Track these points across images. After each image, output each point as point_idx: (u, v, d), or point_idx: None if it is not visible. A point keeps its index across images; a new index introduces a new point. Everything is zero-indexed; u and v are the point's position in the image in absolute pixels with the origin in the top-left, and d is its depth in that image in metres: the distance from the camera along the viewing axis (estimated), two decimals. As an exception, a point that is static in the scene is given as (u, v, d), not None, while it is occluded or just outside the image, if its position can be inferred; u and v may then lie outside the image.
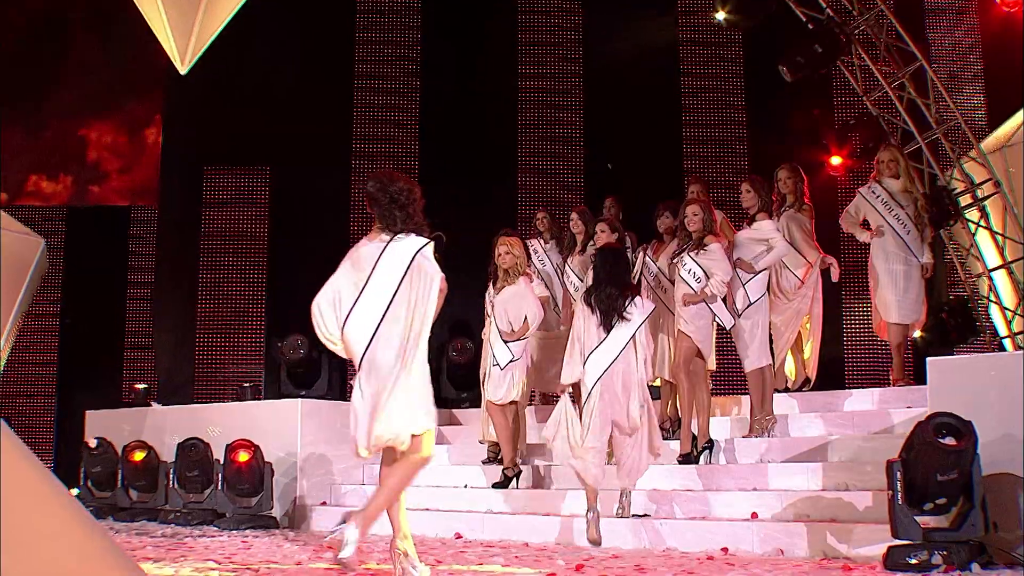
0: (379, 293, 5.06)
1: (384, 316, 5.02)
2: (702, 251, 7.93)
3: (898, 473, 5.42)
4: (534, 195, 13.33)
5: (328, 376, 12.09)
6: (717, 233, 8.15)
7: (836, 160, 12.69)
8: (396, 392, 5.00)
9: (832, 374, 11.33)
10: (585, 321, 6.99)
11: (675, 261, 8.17)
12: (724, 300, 8.15)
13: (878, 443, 7.32)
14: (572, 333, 7.11)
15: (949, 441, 5.33)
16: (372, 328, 5.01)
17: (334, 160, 13.36)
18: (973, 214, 11.96)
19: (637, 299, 7.07)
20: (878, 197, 8.80)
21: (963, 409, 5.57)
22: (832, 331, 12.20)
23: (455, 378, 11.68)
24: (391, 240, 5.17)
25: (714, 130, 13.48)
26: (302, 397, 11.17)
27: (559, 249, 9.80)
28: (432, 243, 5.23)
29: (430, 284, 5.16)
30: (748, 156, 13.25)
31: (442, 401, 11.73)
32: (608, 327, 6.89)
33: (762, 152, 12.82)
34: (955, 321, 11.95)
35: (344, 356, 5.25)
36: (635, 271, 8.65)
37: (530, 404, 9.57)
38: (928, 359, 6.10)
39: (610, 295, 6.94)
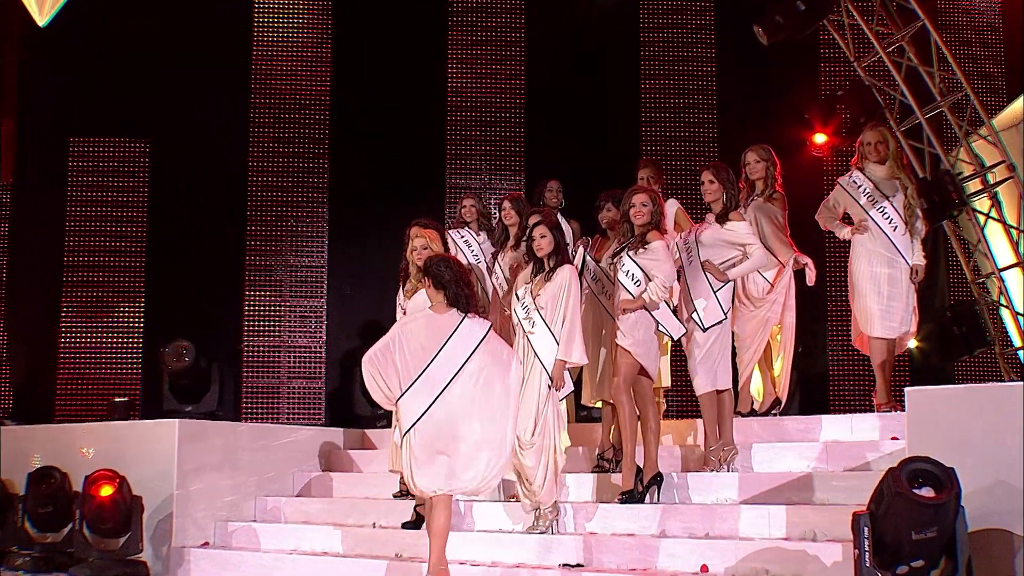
0: (448, 363, 6.74)
1: (448, 385, 6.72)
2: (643, 249, 7.77)
3: (865, 529, 5.26)
4: (465, 179, 13.18)
5: (219, 389, 11.92)
6: (663, 230, 7.96)
7: (820, 138, 12.56)
8: (469, 449, 6.80)
9: (814, 395, 11.19)
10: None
11: (614, 260, 7.99)
12: (675, 309, 8.02)
13: (855, 482, 7.16)
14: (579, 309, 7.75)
15: (926, 492, 5.17)
16: (436, 392, 6.71)
17: (229, 133, 13.08)
18: (982, 203, 11.87)
19: None
20: (860, 187, 8.60)
21: (948, 450, 5.44)
22: (815, 343, 12.07)
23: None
24: (464, 318, 6.90)
25: (678, 103, 13.33)
26: (187, 413, 10.91)
27: (491, 242, 9.63)
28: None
29: (509, 361, 7.02)
30: (717, 134, 13.16)
31: (354, 419, 11.64)
32: None
33: (733, 129, 12.73)
34: (960, 329, 11.85)
35: (388, 408, 7.06)
36: (575, 266, 8.47)
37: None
38: (907, 389, 5.92)
39: None
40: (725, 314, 8.02)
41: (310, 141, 13.19)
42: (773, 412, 8.82)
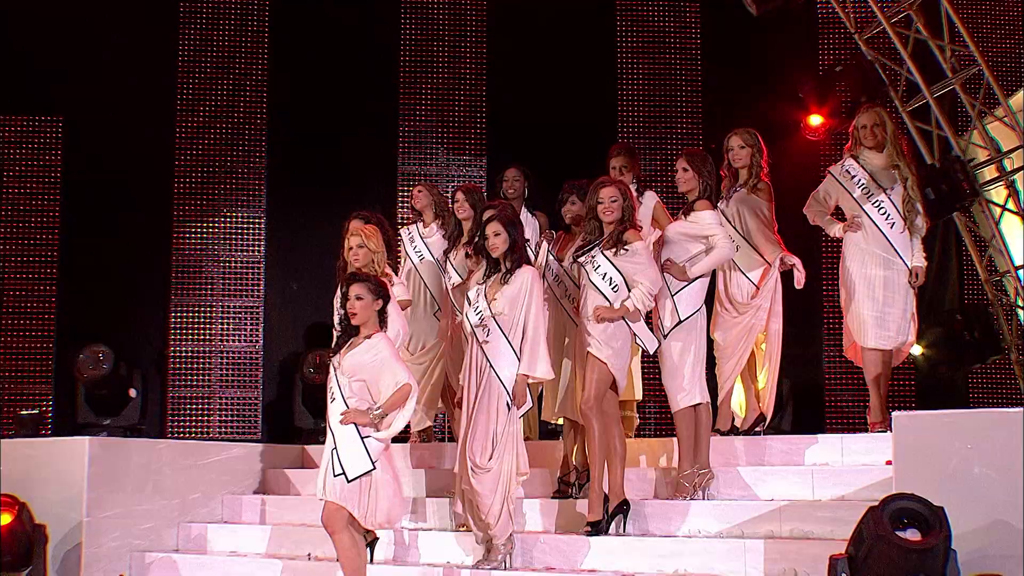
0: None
1: None
2: (622, 251, 7.67)
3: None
4: (420, 165, 13.14)
5: (142, 400, 11.85)
6: (639, 227, 7.89)
7: (816, 120, 12.53)
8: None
9: (808, 411, 11.12)
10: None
11: (581, 259, 7.88)
12: (648, 316, 7.95)
13: (843, 512, 7.13)
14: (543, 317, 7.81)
15: (911, 535, 5.10)
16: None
17: (152, 110, 12.96)
18: (998, 193, 11.82)
19: None
20: (853, 178, 8.58)
21: (939, 484, 5.45)
22: (809, 351, 12.00)
23: (312, 402, 11.51)
24: None
25: (659, 81, 13.31)
26: (105, 427, 10.82)
27: (444, 236, 9.64)
28: None
29: None
30: (702, 116, 13.17)
31: (295, 433, 11.59)
32: None
33: (719, 111, 12.71)
34: (972, 334, 11.83)
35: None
36: (538, 264, 8.40)
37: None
38: (894, 414, 5.85)
39: None
40: (682, 318, 7.95)
41: (245, 120, 13.08)
42: (757, 430, 8.75)
